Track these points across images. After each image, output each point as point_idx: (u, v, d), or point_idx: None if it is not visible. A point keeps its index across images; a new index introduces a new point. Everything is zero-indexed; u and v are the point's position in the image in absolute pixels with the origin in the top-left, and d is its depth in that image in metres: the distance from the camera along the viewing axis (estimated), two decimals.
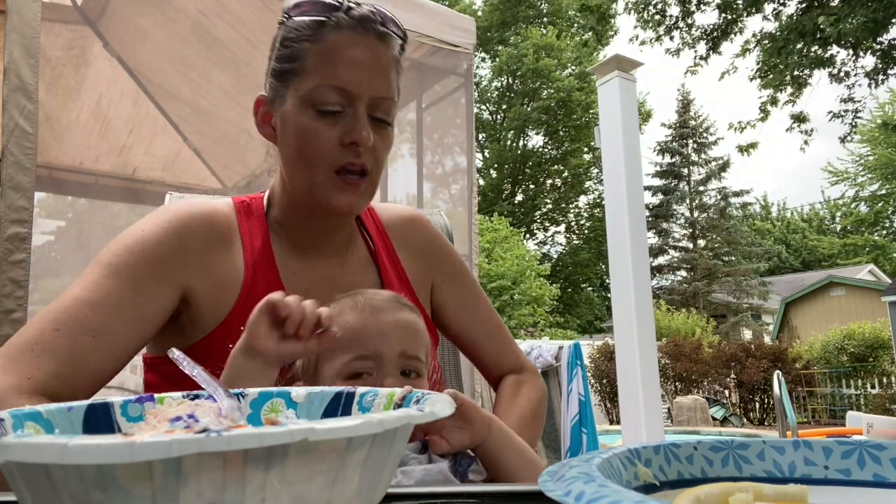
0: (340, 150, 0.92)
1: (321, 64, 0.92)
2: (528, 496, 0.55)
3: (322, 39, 0.92)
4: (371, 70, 0.93)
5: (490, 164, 29.97)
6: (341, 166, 0.93)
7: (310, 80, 0.92)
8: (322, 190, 0.94)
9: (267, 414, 0.54)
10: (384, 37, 0.96)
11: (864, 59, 8.93)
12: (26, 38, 2.14)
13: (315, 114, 0.92)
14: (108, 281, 0.87)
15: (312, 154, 0.93)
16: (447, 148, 4.28)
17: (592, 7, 9.53)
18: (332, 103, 0.91)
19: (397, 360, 0.84)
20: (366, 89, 0.92)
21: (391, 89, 0.96)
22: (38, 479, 0.31)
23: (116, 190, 4.23)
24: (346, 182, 0.93)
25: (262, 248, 1.00)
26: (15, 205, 2.11)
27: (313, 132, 0.92)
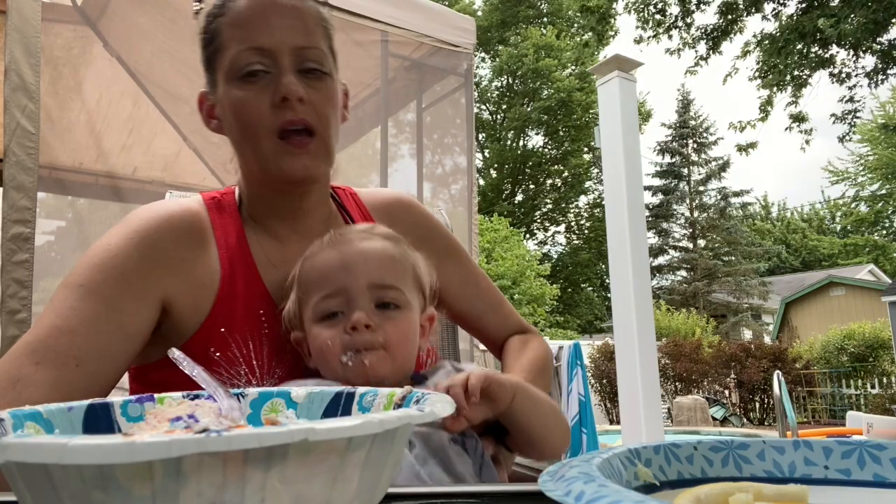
0: (274, 111, 0.88)
1: (235, 32, 0.89)
2: (528, 496, 0.55)
3: (230, 10, 0.90)
4: (285, 21, 0.89)
5: (490, 164, 29.97)
6: (281, 128, 0.88)
7: (228, 52, 0.89)
8: (272, 160, 0.90)
9: (267, 414, 0.54)
10: None
11: (863, 60, 8.94)
12: (27, 37, 2.13)
13: (240, 83, 0.89)
14: (83, 304, 0.82)
15: (250, 125, 0.89)
16: (447, 148, 4.28)
17: (593, 8, 9.53)
18: (253, 63, 0.88)
19: (368, 293, 0.78)
20: (283, 41, 0.88)
21: (313, 38, 0.91)
22: (38, 479, 0.31)
23: (117, 190, 4.22)
24: (293, 144, 0.89)
25: (237, 242, 0.95)
26: (17, 205, 2.10)
27: (244, 102, 0.88)
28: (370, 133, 3.61)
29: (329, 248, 0.81)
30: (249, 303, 0.91)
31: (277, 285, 0.93)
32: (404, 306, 0.81)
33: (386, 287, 0.80)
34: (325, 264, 0.80)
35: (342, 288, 0.78)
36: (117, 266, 0.85)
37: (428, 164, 4.08)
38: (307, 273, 0.82)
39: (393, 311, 0.80)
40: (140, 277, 0.86)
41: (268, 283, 0.93)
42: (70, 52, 3.37)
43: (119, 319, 0.84)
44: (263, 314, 0.91)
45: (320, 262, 0.81)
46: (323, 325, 0.79)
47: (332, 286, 0.78)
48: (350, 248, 0.80)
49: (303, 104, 0.88)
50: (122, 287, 0.84)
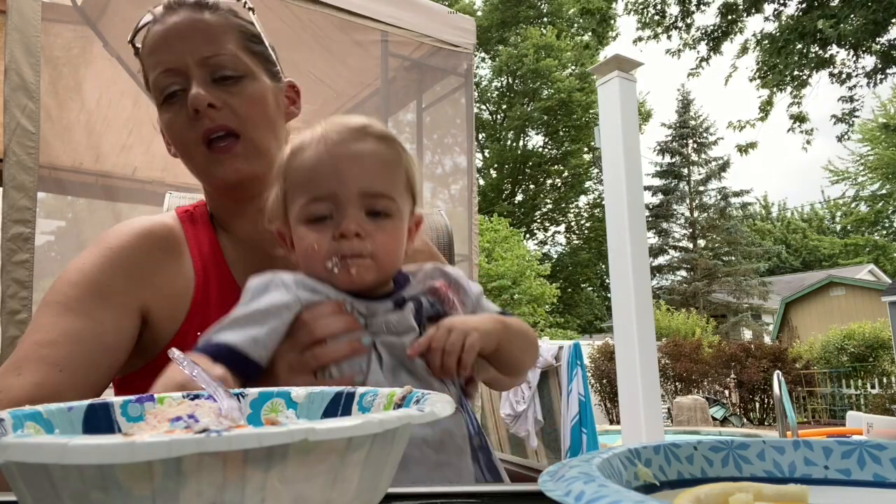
0: (192, 125, 0.91)
1: (149, 59, 0.93)
2: (528, 496, 0.55)
3: (146, 40, 0.94)
4: (188, 37, 0.91)
5: (490, 164, 29.97)
6: (203, 138, 0.91)
7: (150, 79, 0.94)
8: (204, 169, 0.94)
9: (267, 414, 0.54)
10: (199, 5, 0.94)
11: (863, 60, 8.94)
12: (27, 36, 2.13)
13: (166, 105, 0.93)
14: (61, 319, 0.83)
15: (179, 142, 0.93)
16: (447, 148, 4.28)
17: (593, 10, 9.55)
18: (168, 85, 0.91)
19: (359, 201, 0.76)
20: (187, 57, 0.90)
21: (218, 45, 0.92)
22: (38, 479, 0.31)
23: (116, 190, 4.22)
24: (218, 150, 0.91)
25: (210, 249, 0.98)
26: (17, 205, 2.09)
27: (169, 123, 0.93)
28: None
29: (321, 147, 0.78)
30: (224, 305, 0.92)
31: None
32: (395, 214, 0.79)
33: (378, 195, 0.77)
34: (315, 165, 0.77)
35: (332, 193, 0.76)
36: (92, 281, 0.87)
37: (428, 164, 4.09)
38: (296, 171, 0.79)
39: (383, 220, 0.78)
40: (115, 290, 0.88)
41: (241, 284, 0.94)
42: (70, 52, 3.38)
43: (97, 330, 0.85)
44: None
45: (310, 161, 0.78)
46: (309, 227, 0.77)
47: (322, 190, 0.76)
48: (342, 151, 0.77)
49: (217, 110, 0.90)
50: (98, 300, 0.86)
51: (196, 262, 0.96)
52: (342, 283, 0.76)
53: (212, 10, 0.94)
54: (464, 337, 0.72)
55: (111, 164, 4.07)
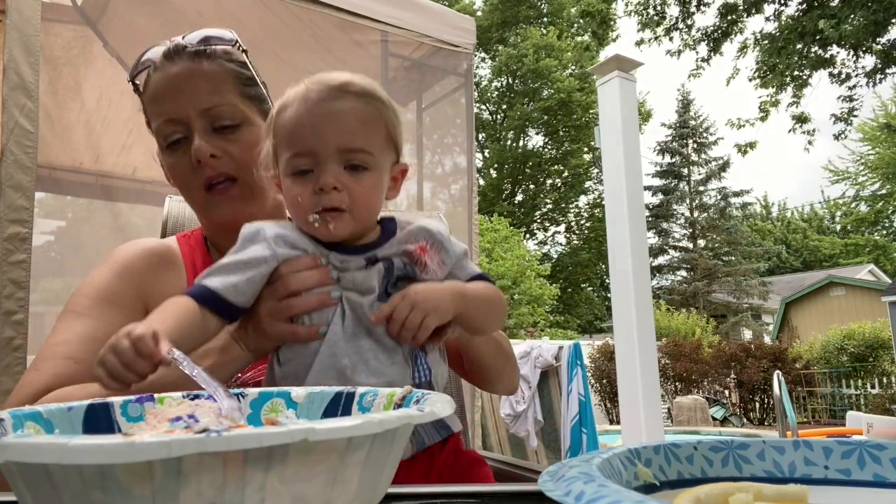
0: (194, 172, 0.98)
1: (152, 107, 1.00)
2: (528, 496, 0.55)
3: (148, 86, 0.99)
4: (188, 89, 0.97)
5: (490, 164, 29.96)
6: (204, 184, 0.98)
7: (154, 125, 1.00)
8: (203, 211, 1.02)
9: (267, 414, 0.54)
10: (198, 54, 0.99)
11: (863, 60, 8.94)
12: (26, 36, 2.12)
13: (169, 151, 1.00)
14: (74, 323, 0.93)
15: (181, 184, 1.01)
16: (447, 148, 4.28)
17: (593, 12, 9.55)
18: (171, 133, 0.98)
19: (337, 156, 0.81)
20: (190, 108, 0.96)
21: (218, 97, 0.98)
22: (38, 479, 0.31)
23: (116, 190, 4.22)
24: (216, 193, 0.99)
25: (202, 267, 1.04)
26: (15, 204, 2.08)
27: (172, 167, 1.00)
28: None
29: (302, 105, 0.82)
30: None
31: None
32: (372, 167, 0.83)
33: (354, 150, 0.81)
34: (297, 123, 0.82)
35: (312, 149, 0.81)
36: (102, 290, 0.97)
37: (428, 164, 4.08)
38: (281, 127, 0.84)
39: (361, 173, 0.82)
40: (123, 297, 0.98)
41: None
42: (70, 52, 3.37)
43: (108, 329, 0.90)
44: None
45: (293, 119, 0.82)
46: (294, 179, 0.83)
47: (303, 146, 0.81)
48: (321, 109, 0.81)
49: (217, 159, 0.97)
50: (107, 305, 0.96)
51: (190, 276, 1.04)
52: (322, 235, 0.83)
53: (209, 59, 0.99)
54: (423, 316, 0.77)
55: (111, 164, 4.07)
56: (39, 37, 2.17)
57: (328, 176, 0.79)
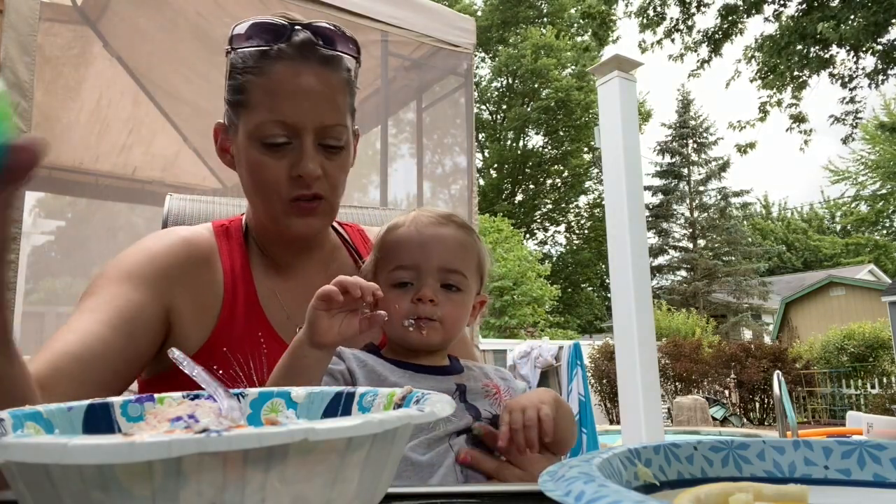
0: (290, 183, 0.93)
1: (265, 98, 0.92)
2: (528, 496, 0.55)
3: (264, 72, 0.92)
4: (315, 100, 0.92)
5: (490, 164, 29.97)
6: (294, 197, 0.94)
7: (256, 114, 0.92)
8: (280, 218, 0.96)
9: (267, 414, 0.54)
10: (329, 60, 0.94)
11: (864, 61, 8.94)
12: (23, 35, 2.09)
13: (262, 147, 0.92)
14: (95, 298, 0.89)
15: (264, 187, 0.94)
16: (447, 148, 4.28)
17: (594, 14, 9.55)
18: (278, 136, 0.92)
19: (437, 273, 0.89)
20: (310, 121, 0.92)
21: (339, 115, 0.95)
22: (38, 479, 0.31)
23: (116, 190, 4.23)
24: (302, 208, 0.95)
25: (241, 268, 1.02)
26: None
27: (263, 166, 0.93)
28: (370, 133, 3.60)
29: (412, 227, 0.92)
30: (249, 325, 0.98)
31: (275, 310, 1.01)
32: (464, 289, 0.92)
33: (452, 271, 0.91)
34: (406, 240, 0.91)
35: (416, 264, 0.89)
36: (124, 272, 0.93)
37: (428, 163, 4.08)
38: (389, 242, 0.93)
39: (454, 293, 0.91)
40: (146, 280, 0.93)
41: (265, 308, 1.01)
42: (70, 52, 3.37)
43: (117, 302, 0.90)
44: (262, 336, 0.98)
45: (402, 236, 0.92)
46: (394, 290, 0.90)
47: (408, 260, 0.90)
48: (429, 231, 0.92)
49: (318, 179, 0.94)
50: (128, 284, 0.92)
51: (227, 278, 1.00)
52: (414, 340, 0.89)
53: (337, 70, 0.96)
54: (537, 410, 0.79)
55: (111, 164, 4.07)
56: (36, 36, 2.14)
57: (427, 289, 0.88)
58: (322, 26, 0.95)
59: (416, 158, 3.86)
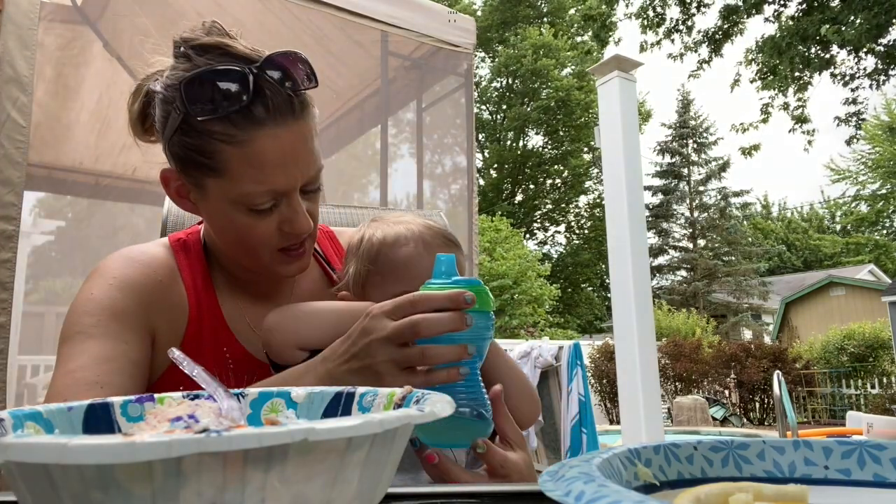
0: (280, 236, 0.91)
1: (248, 170, 0.84)
2: (528, 496, 0.55)
3: (241, 143, 0.83)
4: (299, 160, 0.88)
5: (490, 164, 29.96)
6: (284, 249, 0.93)
7: (237, 185, 0.85)
8: (268, 265, 0.94)
9: (267, 414, 0.54)
10: (302, 107, 0.88)
11: (865, 61, 8.93)
12: (22, 29, 2.05)
13: (248, 211, 0.88)
14: (86, 345, 0.85)
15: (252, 244, 0.91)
16: (447, 148, 4.28)
17: (594, 16, 9.56)
18: (266, 203, 0.88)
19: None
20: (297, 180, 0.89)
21: (318, 161, 0.93)
22: (38, 479, 0.31)
23: (116, 190, 4.23)
24: (291, 256, 0.94)
25: (203, 285, 1.00)
26: (3, 200, 1.98)
27: (249, 227, 0.89)
28: (370, 133, 3.61)
29: (421, 248, 0.90)
30: (216, 341, 0.97)
31: (239, 323, 1.00)
32: None
33: None
34: (416, 262, 0.89)
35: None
36: (106, 307, 0.89)
37: (428, 163, 4.08)
38: (395, 261, 0.90)
39: None
40: (129, 313, 0.91)
41: (230, 322, 1.00)
42: (70, 52, 3.37)
43: (123, 347, 0.88)
44: (227, 351, 0.97)
45: (412, 257, 0.90)
46: None
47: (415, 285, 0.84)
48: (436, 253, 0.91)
49: None
50: (116, 322, 0.89)
51: (190, 294, 0.98)
52: None
53: (308, 114, 0.90)
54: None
55: (111, 164, 4.07)
56: (36, 31, 2.09)
57: None
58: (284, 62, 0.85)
59: (416, 158, 3.86)
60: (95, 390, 0.80)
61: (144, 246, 1.02)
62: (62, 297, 4.50)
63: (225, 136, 0.83)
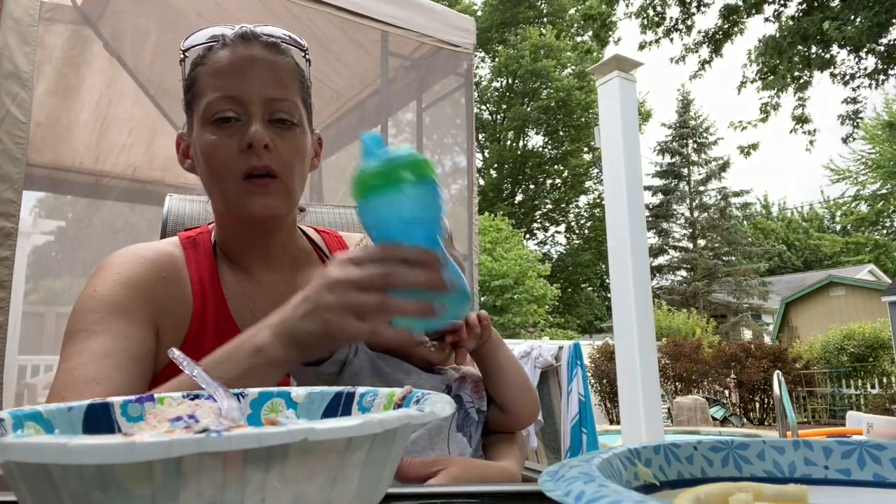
0: (240, 156, 0.93)
1: (210, 79, 0.95)
2: (528, 496, 0.55)
3: (210, 60, 0.96)
4: (259, 73, 0.95)
5: (490, 164, 29.96)
6: (246, 172, 0.94)
7: (204, 98, 0.95)
8: (235, 199, 0.95)
9: (267, 414, 0.54)
10: (271, 45, 0.98)
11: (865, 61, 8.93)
12: (23, 25, 2.04)
13: (213, 128, 0.94)
14: (87, 342, 0.86)
15: (217, 167, 0.94)
16: (447, 148, 4.28)
17: (595, 15, 9.56)
18: (226, 111, 0.93)
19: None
20: (255, 92, 0.94)
21: (285, 91, 0.97)
22: (38, 479, 0.31)
23: (116, 190, 4.22)
24: (254, 185, 0.94)
25: (209, 277, 1.02)
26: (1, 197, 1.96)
27: (214, 146, 0.94)
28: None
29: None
30: (219, 335, 0.97)
31: (245, 317, 1.00)
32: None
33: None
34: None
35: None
36: (109, 303, 0.90)
37: None
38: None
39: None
40: (133, 309, 0.92)
41: (235, 315, 1.00)
42: (70, 52, 3.37)
43: (124, 344, 0.88)
44: None
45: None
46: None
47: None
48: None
49: (268, 151, 0.94)
50: (118, 318, 0.90)
51: (195, 290, 1.00)
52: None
53: (283, 55, 0.99)
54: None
55: (111, 164, 4.06)
56: (36, 27, 2.07)
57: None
58: (271, 27, 1.00)
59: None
60: (92, 386, 0.80)
61: (152, 243, 1.04)
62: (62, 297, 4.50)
63: (200, 60, 0.98)
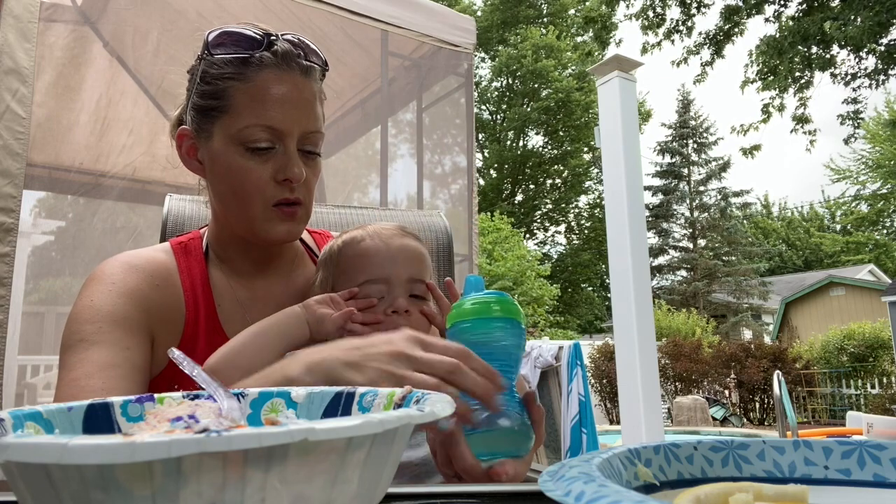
0: (274, 187, 0.95)
1: (250, 103, 0.93)
2: (528, 496, 0.55)
3: (248, 79, 0.93)
4: (299, 107, 0.95)
5: (490, 164, 29.96)
6: (278, 202, 0.95)
7: (239, 119, 0.93)
8: (260, 223, 0.96)
9: (267, 414, 0.54)
10: (308, 70, 0.97)
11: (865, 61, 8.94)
12: (23, 21, 2.04)
13: (245, 151, 0.93)
14: (89, 353, 0.87)
15: (247, 191, 0.95)
16: (447, 148, 4.28)
17: (596, 17, 9.58)
18: (262, 140, 0.93)
19: (406, 285, 0.92)
20: (295, 126, 0.94)
21: (318, 122, 0.98)
22: (38, 479, 0.31)
23: (116, 190, 4.22)
24: (283, 212, 0.96)
25: (201, 283, 1.02)
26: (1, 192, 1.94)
27: (246, 170, 0.94)
28: (370, 133, 3.61)
29: (374, 239, 0.95)
30: (210, 341, 0.98)
31: (236, 322, 1.01)
32: (428, 299, 0.96)
33: (419, 281, 0.95)
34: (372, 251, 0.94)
35: (387, 277, 0.92)
36: (107, 313, 0.91)
37: (427, 163, 4.08)
38: (352, 256, 0.95)
39: (423, 303, 0.95)
40: (130, 319, 0.92)
41: (225, 324, 1.01)
42: (70, 52, 3.37)
43: (125, 354, 0.89)
44: None
45: (366, 248, 0.94)
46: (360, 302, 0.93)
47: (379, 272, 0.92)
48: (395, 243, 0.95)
49: (301, 184, 0.96)
50: (117, 328, 0.90)
51: (188, 298, 1.00)
52: None
53: (314, 79, 0.98)
54: None
55: (111, 164, 4.06)
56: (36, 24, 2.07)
57: (401, 300, 0.91)
58: (298, 38, 0.98)
59: (415, 158, 3.86)
60: (100, 396, 0.80)
61: (143, 251, 1.04)
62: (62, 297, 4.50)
63: (235, 74, 0.93)
